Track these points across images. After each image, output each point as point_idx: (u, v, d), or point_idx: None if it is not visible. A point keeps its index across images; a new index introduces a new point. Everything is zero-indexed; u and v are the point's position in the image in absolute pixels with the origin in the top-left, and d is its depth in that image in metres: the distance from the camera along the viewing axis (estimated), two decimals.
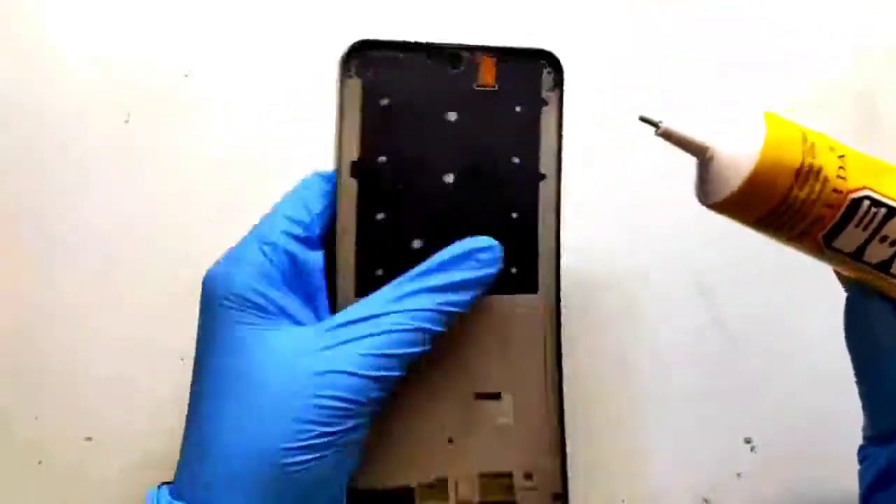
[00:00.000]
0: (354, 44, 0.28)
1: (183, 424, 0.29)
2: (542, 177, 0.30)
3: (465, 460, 0.30)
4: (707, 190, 0.25)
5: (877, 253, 0.24)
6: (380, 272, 0.29)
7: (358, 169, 0.29)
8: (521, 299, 0.30)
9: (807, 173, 0.23)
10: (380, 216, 0.29)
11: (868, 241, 0.24)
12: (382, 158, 0.29)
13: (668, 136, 0.25)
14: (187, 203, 0.36)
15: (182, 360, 0.35)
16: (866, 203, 0.23)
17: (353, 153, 0.29)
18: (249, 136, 0.36)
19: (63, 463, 0.35)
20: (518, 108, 0.30)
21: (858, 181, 0.23)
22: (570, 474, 0.32)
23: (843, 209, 0.23)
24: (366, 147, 0.29)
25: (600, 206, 0.37)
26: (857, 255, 0.25)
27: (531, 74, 0.30)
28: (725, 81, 0.38)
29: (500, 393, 0.30)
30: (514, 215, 0.30)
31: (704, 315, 0.36)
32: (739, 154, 0.24)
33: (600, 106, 0.37)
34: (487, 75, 0.29)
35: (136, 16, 0.37)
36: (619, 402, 0.36)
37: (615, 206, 0.37)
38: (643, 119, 0.25)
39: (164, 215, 0.36)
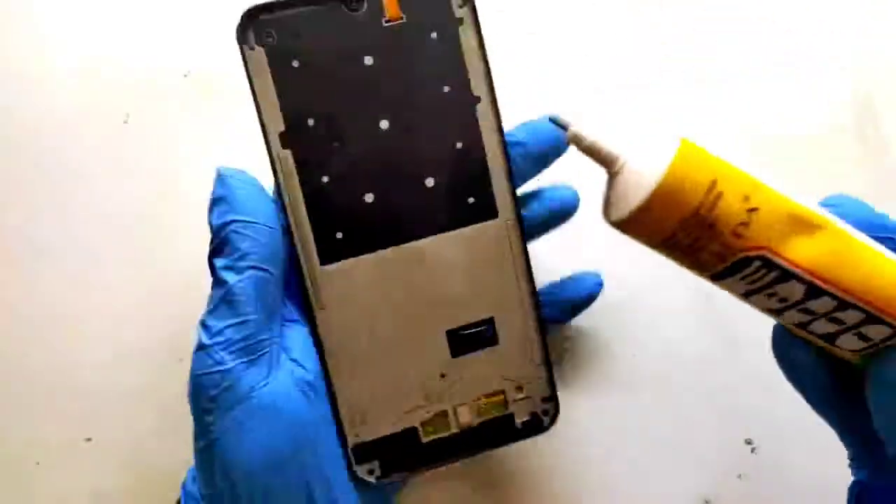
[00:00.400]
0: (245, 13, 0.27)
1: (180, 423, 0.29)
2: (477, 99, 0.29)
3: (460, 389, 0.30)
4: (606, 207, 0.24)
5: (763, 302, 0.23)
6: (340, 235, 0.29)
7: (288, 139, 0.28)
8: (484, 227, 0.30)
9: (697, 222, 0.21)
10: (324, 179, 0.29)
11: (754, 293, 0.22)
12: (310, 121, 0.28)
13: (578, 141, 0.23)
14: (187, 203, 0.36)
15: (181, 360, 0.35)
16: (756, 264, 0.22)
17: (278, 125, 0.28)
18: (249, 137, 0.36)
19: (62, 463, 0.35)
20: (433, 34, 0.28)
21: (758, 240, 0.21)
22: (568, 472, 0.33)
23: (728, 264, 0.22)
24: (289, 115, 0.28)
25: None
26: (745, 297, 0.23)
27: None
28: (725, 81, 0.38)
29: (483, 320, 0.30)
30: (459, 145, 0.29)
31: (704, 315, 0.36)
32: (641, 176, 0.22)
33: (600, 106, 0.37)
34: (392, 7, 0.28)
35: (135, 16, 0.37)
36: (619, 403, 0.36)
37: None
38: (553, 120, 0.24)
39: (163, 215, 0.36)
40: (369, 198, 0.29)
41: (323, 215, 0.29)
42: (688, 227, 0.21)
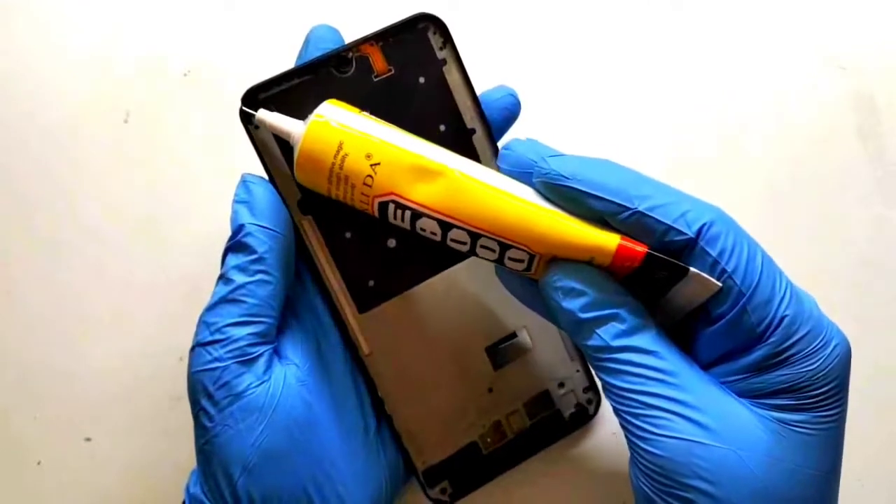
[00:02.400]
0: (244, 95, 0.28)
1: (181, 423, 0.29)
2: (472, 131, 0.30)
3: (508, 398, 0.33)
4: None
5: (430, 238, 0.27)
6: (371, 283, 0.31)
7: (307, 206, 0.30)
8: None
9: (336, 177, 0.26)
10: (347, 234, 0.30)
11: (415, 229, 0.27)
12: None
13: (262, 123, 0.28)
14: (187, 203, 0.36)
15: (181, 359, 0.35)
16: (392, 206, 0.26)
17: (295, 194, 0.30)
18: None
19: (63, 463, 0.35)
20: (422, 80, 0.30)
21: (385, 188, 0.26)
22: (569, 477, 0.33)
23: (375, 208, 0.27)
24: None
25: None
26: (413, 231, 0.27)
27: (418, 42, 0.29)
28: (723, 82, 0.38)
29: (514, 331, 0.32)
30: None
31: None
32: (295, 147, 0.27)
33: (602, 104, 0.37)
34: (379, 63, 0.29)
35: (135, 15, 0.37)
36: None
37: None
38: (244, 110, 0.28)
39: (164, 215, 0.36)
40: (392, 243, 0.30)
41: (352, 268, 0.30)
42: (335, 182, 0.26)
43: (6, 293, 0.36)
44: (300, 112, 0.29)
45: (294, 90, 0.29)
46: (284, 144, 0.29)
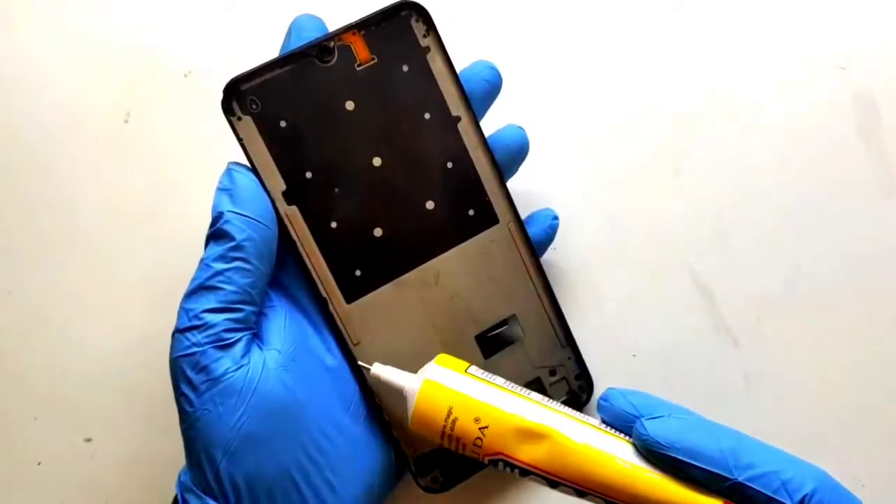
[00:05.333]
0: (226, 86, 0.28)
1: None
2: (457, 119, 0.30)
3: None
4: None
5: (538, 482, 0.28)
6: (358, 272, 0.31)
7: (291, 196, 0.30)
8: (489, 233, 0.31)
9: (448, 437, 0.28)
10: (333, 224, 0.30)
11: (523, 478, 0.28)
12: (308, 174, 0.30)
13: (377, 379, 0.29)
14: (187, 203, 0.36)
15: None
16: (501, 464, 0.28)
17: (279, 185, 0.29)
18: None
19: (62, 463, 0.35)
20: (405, 68, 0.30)
21: (494, 448, 0.28)
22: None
23: (486, 462, 0.28)
24: (287, 173, 0.29)
25: (598, 207, 0.37)
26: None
27: (401, 30, 0.29)
28: (723, 83, 0.38)
29: (504, 319, 0.32)
30: (450, 165, 0.31)
31: (704, 316, 0.36)
32: (408, 407, 0.29)
33: (603, 103, 0.37)
34: (362, 52, 0.29)
35: (136, 16, 0.37)
36: None
37: (615, 208, 0.37)
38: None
39: (164, 216, 0.36)
40: (378, 232, 0.30)
41: (339, 258, 0.30)
42: (446, 440, 0.28)
43: (7, 293, 0.36)
44: (284, 103, 0.29)
45: (276, 80, 0.29)
46: (271, 139, 0.29)
